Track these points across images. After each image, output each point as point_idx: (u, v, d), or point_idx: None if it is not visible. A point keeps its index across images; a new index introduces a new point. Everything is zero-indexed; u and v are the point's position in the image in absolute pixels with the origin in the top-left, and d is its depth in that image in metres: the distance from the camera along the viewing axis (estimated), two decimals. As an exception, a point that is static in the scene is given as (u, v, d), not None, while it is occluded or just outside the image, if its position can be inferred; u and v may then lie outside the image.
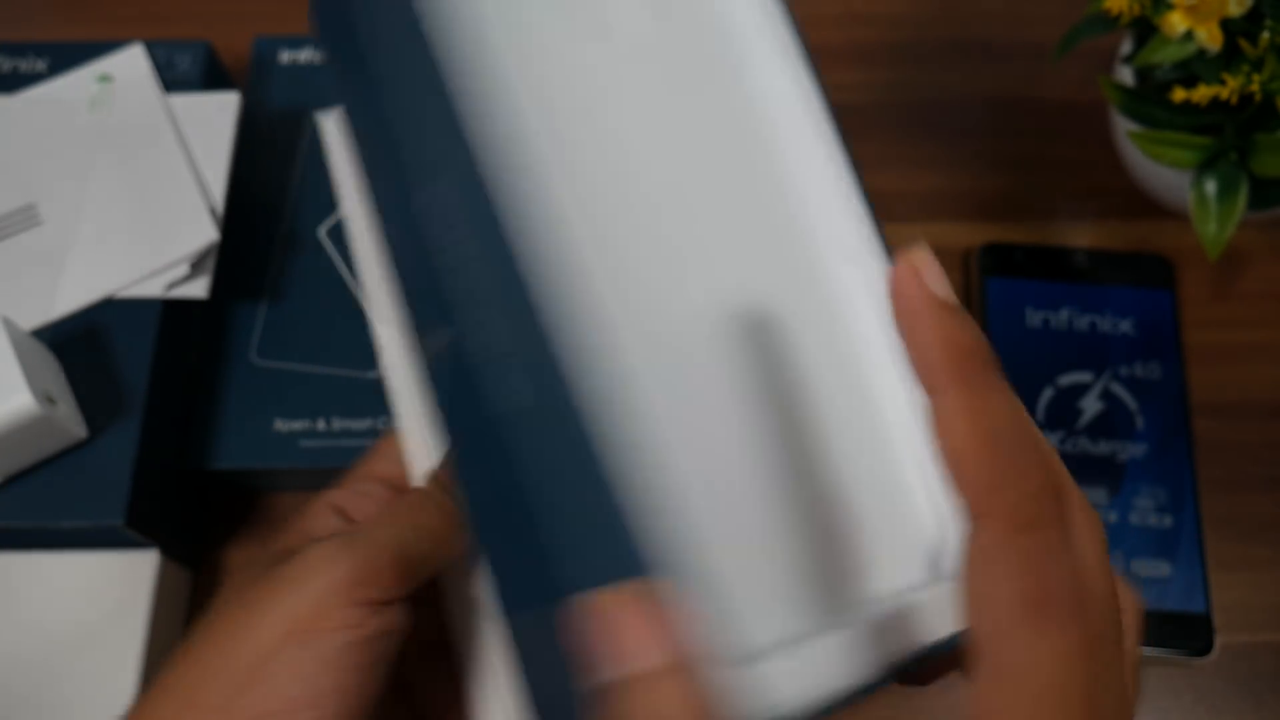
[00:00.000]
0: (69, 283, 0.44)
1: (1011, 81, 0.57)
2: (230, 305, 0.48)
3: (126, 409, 0.41)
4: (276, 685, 0.26)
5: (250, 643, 0.26)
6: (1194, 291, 0.51)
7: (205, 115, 0.47)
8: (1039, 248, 0.51)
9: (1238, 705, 0.43)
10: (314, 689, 0.26)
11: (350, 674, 0.27)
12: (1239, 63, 0.42)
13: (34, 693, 0.40)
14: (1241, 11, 0.41)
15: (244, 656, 0.26)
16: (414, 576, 0.28)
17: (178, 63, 0.49)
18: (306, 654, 0.26)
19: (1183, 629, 0.43)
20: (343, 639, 0.27)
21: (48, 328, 0.43)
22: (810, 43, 0.61)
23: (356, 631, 0.27)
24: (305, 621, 0.27)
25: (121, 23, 0.59)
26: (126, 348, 0.43)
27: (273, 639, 0.26)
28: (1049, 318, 0.49)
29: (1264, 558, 0.46)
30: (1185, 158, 0.44)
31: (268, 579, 0.28)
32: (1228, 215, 0.43)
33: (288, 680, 0.26)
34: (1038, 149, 0.55)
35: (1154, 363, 0.48)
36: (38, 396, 0.38)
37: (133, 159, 0.46)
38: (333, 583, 0.27)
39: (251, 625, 0.27)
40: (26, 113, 0.47)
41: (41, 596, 0.42)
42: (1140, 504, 0.46)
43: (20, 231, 0.45)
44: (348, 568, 0.27)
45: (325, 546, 0.28)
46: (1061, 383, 0.48)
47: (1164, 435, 0.47)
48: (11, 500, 0.40)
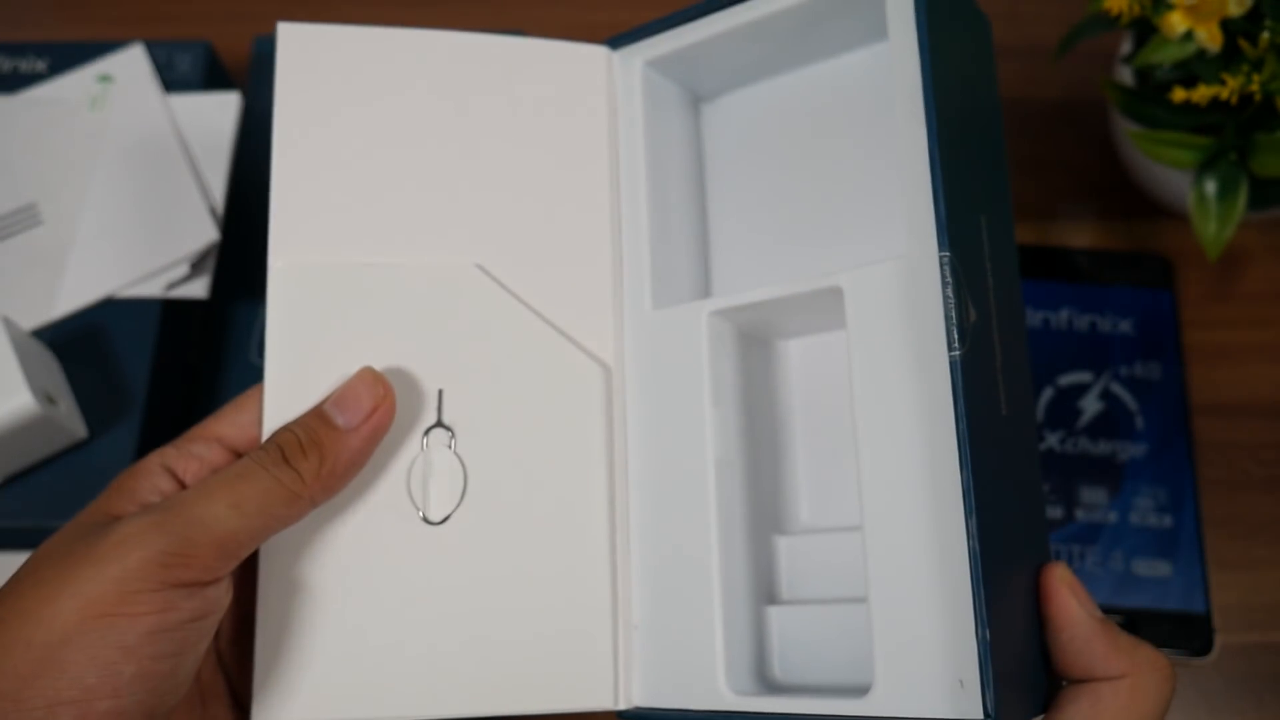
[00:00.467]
0: (69, 283, 0.44)
1: (1011, 81, 0.56)
2: (230, 305, 0.48)
3: (126, 409, 0.41)
4: (71, 672, 0.24)
5: (45, 625, 0.25)
6: (1194, 291, 0.51)
7: (205, 115, 0.47)
8: (1039, 248, 0.51)
9: (1238, 705, 0.43)
10: (113, 677, 0.25)
11: (156, 662, 0.25)
12: (1239, 63, 0.42)
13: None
14: (1241, 11, 0.41)
15: (38, 639, 0.25)
16: (235, 555, 0.27)
17: (178, 63, 0.49)
18: (106, 639, 0.25)
19: (1183, 629, 0.43)
20: (147, 625, 0.25)
21: (48, 327, 0.43)
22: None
23: (164, 616, 0.25)
24: (106, 605, 0.25)
25: (122, 23, 0.59)
26: (127, 348, 0.43)
27: (69, 622, 0.25)
28: (1049, 318, 0.49)
29: (1264, 558, 0.46)
30: (1185, 158, 0.44)
31: (70, 555, 0.26)
32: (1227, 215, 0.43)
33: (84, 667, 0.25)
34: (1038, 149, 0.55)
35: (1154, 363, 0.48)
36: (38, 396, 0.38)
37: (133, 159, 0.46)
38: (141, 564, 0.25)
39: (47, 606, 0.25)
40: (27, 113, 0.47)
41: (42, 596, 0.42)
42: (1140, 504, 0.46)
43: (21, 231, 0.45)
44: (159, 548, 0.25)
45: (136, 523, 0.26)
46: (1061, 383, 0.48)
47: (1164, 435, 0.47)
48: (12, 500, 0.40)
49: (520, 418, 0.33)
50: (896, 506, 0.29)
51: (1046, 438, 0.47)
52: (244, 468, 0.28)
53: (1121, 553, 0.45)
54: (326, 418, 0.29)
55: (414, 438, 0.32)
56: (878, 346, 0.30)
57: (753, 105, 0.38)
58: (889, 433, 0.29)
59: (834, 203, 0.36)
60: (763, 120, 0.38)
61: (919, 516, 0.28)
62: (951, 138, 0.30)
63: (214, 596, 0.27)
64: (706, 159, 0.39)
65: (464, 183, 0.34)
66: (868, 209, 0.36)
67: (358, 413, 0.29)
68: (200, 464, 0.31)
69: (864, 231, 0.36)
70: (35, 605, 0.25)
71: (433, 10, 0.59)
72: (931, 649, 0.27)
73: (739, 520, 0.33)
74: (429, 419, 0.32)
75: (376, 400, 0.30)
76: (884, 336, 0.30)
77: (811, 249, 0.36)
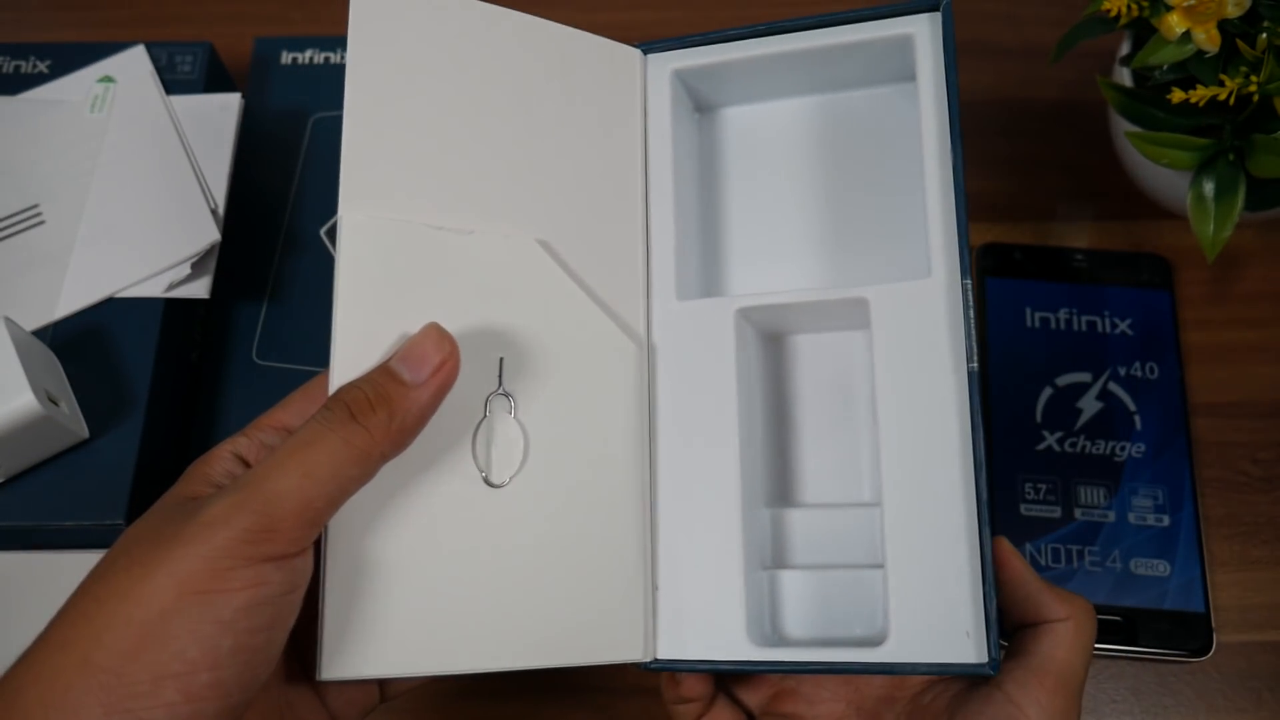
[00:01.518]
0: (71, 283, 0.44)
1: (1011, 82, 0.57)
2: (231, 305, 0.48)
3: (128, 409, 0.42)
4: (173, 646, 0.25)
5: (144, 603, 0.25)
6: (1192, 291, 0.51)
7: (207, 116, 0.47)
8: (1038, 248, 0.51)
9: (1237, 704, 0.43)
10: (213, 650, 0.26)
11: (251, 635, 0.26)
12: (1237, 64, 0.42)
13: (36, 692, 0.40)
14: (1239, 13, 0.41)
15: (138, 617, 0.25)
16: (316, 523, 0.28)
17: (179, 64, 0.49)
18: (204, 615, 0.26)
19: (1182, 628, 0.43)
20: (242, 600, 0.26)
21: (50, 328, 0.43)
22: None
23: (257, 591, 0.26)
24: (201, 582, 0.26)
25: (123, 24, 0.59)
26: (128, 348, 0.43)
27: (167, 600, 0.25)
28: (1048, 318, 0.50)
29: (1262, 557, 0.46)
30: (1183, 158, 0.44)
31: (159, 538, 0.27)
32: (1225, 216, 0.43)
33: (185, 641, 0.25)
34: (1037, 149, 0.55)
35: (1152, 363, 0.48)
36: (40, 396, 0.38)
37: (135, 160, 0.46)
38: (228, 543, 0.26)
39: (144, 584, 0.26)
40: (29, 114, 0.48)
41: (43, 596, 0.42)
42: (1139, 503, 0.46)
43: (23, 232, 0.45)
44: (244, 526, 0.26)
45: (218, 504, 0.26)
46: (1060, 383, 0.48)
47: (1163, 435, 0.47)
48: (13, 500, 0.40)
49: (569, 389, 0.35)
50: (912, 486, 0.34)
51: (1046, 438, 0.47)
52: (311, 433, 0.28)
53: (1120, 552, 0.45)
54: (394, 373, 0.29)
55: (477, 403, 0.33)
56: (901, 353, 0.35)
57: (757, 120, 0.42)
58: (909, 425, 0.34)
59: (834, 215, 0.40)
60: (770, 135, 0.42)
61: (932, 495, 0.33)
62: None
63: (301, 567, 0.28)
64: (716, 164, 0.42)
65: (520, 161, 0.36)
66: (868, 225, 0.40)
67: (425, 367, 0.30)
68: (268, 451, 0.31)
69: (865, 245, 0.40)
70: (131, 585, 0.26)
71: (433, 11, 0.59)
72: (940, 606, 0.32)
73: (758, 493, 0.38)
74: (489, 384, 0.33)
75: (444, 356, 0.30)
76: (908, 345, 0.35)
77: (815, 257, 0.40)
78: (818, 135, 0.41)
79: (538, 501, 0.33)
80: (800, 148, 0.41)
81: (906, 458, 0.34)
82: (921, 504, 0.33)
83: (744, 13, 0.58)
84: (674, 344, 0.37)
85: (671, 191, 0.38)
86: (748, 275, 0.41)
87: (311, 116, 0.52)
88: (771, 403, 0.40)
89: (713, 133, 0.42)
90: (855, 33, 0.37)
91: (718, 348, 0.37)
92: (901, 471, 0.34)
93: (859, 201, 0.40)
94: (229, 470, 0.31)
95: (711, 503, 0.36)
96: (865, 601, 0.36)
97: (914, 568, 0.33)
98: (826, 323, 0.39)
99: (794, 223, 0.41)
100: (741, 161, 0.42)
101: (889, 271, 0.39)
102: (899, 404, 0.34)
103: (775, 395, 0.40)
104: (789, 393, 0.41)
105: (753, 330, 0.39)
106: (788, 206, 0.41)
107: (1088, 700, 0.43)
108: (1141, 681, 0.44)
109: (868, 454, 0.39)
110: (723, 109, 0.42)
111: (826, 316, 0.38)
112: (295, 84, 0.52)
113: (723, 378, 0.36)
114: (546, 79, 0.37)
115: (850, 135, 0.41)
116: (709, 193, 0.42)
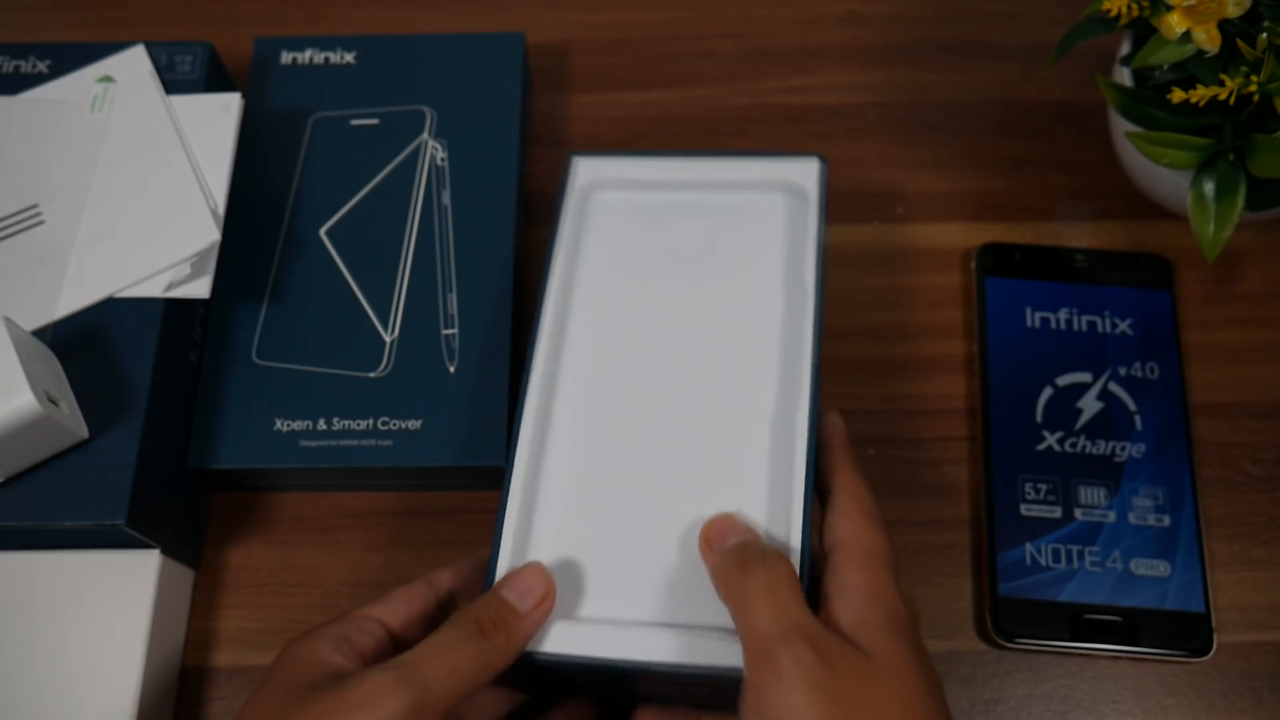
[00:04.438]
0: (71, 283, 0.44)
1: (1011, 82, 0.57)
2: (231, 305, 0.48)
3: (128, 409, 0.42)
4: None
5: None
6: (1192, 292, 0.51)
7: (207, 116, 0.47)
8: (1038, 248, 0.51)
9: (1237, 705, 0.43)
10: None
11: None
12: (1237, 64, 0.42)
13: (36, 692, 0.40)
14: (1239, 13, 0.41)
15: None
16: (451, 711, 0.32)
17: (179, 64, 0.49)
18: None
19: (1182, 628, 0.43)
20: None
21: (49, 328, 0.43)
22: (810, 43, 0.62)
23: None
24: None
25: (123, 24, 0.59)
26: (128, 348, 0.43)
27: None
28: (1048, 318, 0.50)
29: (1262, 557, 0.46)
30: (1183, 158, 0.44)
31: (313, 706, 0.31)
32: (1226, 216, 0.43)
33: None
34: (1037, 149, 0.55)
35: (1153, 363, 0.48)
36: (39, 397, 0.38)
37: (134, 160, 0.46)
38: (391, 714, 0.30)
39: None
40: (29, 113, 0.48)
41: (43, 596, 0.42)
42: (1139, 504, 0.46)
43: (22, 232, 0.45)
44: (403, 703, 0.30)
45: (383, 678, 0.31)
46: (1060, 383, 0.48)
47: (1163, 435, 0.47)
48: (13, 500, 0.40)
49: None
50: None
51: (1046, 438, 0.47)
52: (455, 637, 0.33)
53: (1120, 552, 0.45)
54: (508, 602, 0.34)
55: None
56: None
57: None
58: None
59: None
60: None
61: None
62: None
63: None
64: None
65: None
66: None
67: (531, 599, 0.34)
68: (370, 639, 0.35)
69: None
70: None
71: (432, 10, 0.59)
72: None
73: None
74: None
75: (546, 590, 0.34)
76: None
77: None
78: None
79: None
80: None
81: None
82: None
83: (744, 12, 0.58)
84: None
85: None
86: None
87: (311, 116, 0.52)
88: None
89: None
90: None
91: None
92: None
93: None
94: (343, 652, 0.34)
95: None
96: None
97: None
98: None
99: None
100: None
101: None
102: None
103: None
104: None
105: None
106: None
107: (1088, 700, 0.43)
108: (1141, 682, 0.44)
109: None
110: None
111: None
112: (295, 84, 0.52)
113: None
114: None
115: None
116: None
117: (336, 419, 0.45)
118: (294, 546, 0.47)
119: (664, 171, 0.44)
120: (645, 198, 0.44)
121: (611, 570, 0.36)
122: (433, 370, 0.46)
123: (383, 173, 0.50)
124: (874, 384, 0.49)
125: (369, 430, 0.45)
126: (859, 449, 0.48)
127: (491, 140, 0.51)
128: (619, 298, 0.41)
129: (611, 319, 0.41)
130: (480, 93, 0.52)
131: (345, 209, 0.50)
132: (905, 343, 0.50)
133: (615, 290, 0.42)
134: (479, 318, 0.47)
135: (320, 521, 0.47)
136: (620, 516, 0.37)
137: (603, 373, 0.40)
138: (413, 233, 0.49)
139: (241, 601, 0.46)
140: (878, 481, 0.37)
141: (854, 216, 0.53)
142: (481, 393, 0.46)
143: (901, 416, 0.49)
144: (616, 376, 0.40)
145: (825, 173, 0.42)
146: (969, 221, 0.53)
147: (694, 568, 0.36)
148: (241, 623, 0.45)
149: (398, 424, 0.45)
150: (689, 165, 0.44)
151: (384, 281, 0.48)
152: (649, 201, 0.44)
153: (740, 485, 0.37)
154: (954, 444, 0.48)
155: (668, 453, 0.38)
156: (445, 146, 0.51)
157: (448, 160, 0.51)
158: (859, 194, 0.54)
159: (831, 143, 0.55)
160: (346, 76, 0.53)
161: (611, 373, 0.40)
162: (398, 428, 0.45)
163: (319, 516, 0.47)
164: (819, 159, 0.43)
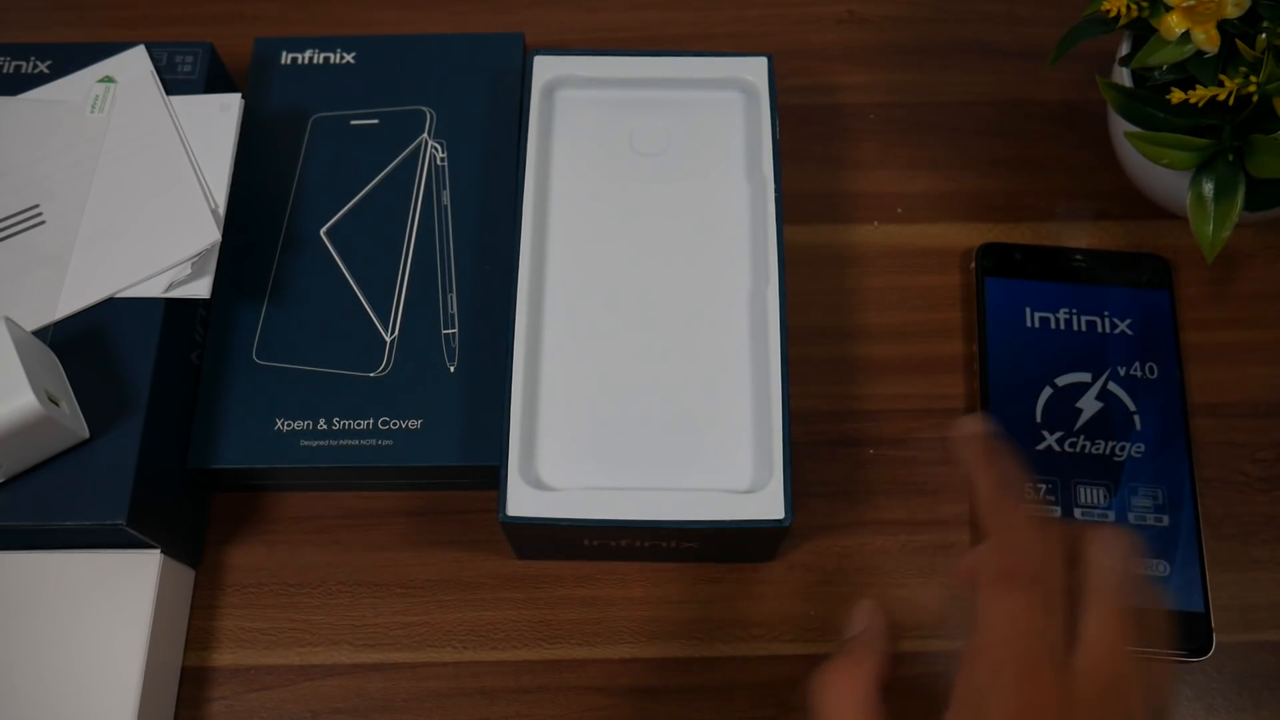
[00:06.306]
0: (71, 283, 0.44)
1: (1010, 82, 0.57)
2: (231, 305, 0.48)
3: (128, 409, 0.42)
4: None
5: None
6: (1192, 292, 0.51)
7: (207, 116, 0.48)
8: (1038, 248, 0.51)
9: (1237, 705, 0.43)
10: None
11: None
12: (1236, 64, 0.42)
13: (37, 691, 0.40)
14: (1239, 13, 0.41)
15: None
16: None
17: (179, 64, 0.49)
18: None
19: (1182, 628, 0.43)
20: None
21: (50, 328, 0.43)
22: (810, 43, 0.62)
23: None
24: None
25: (123, 24, 0.59)
26: (128, 348, 0.43)
27: None
28: (1048, 318, 0.50)
29: (1262, 557, 0.46)
30: (1182, 159, 0.44)
31: None
32: (1225, 216, 0.43)
33: None
34: (1037, 150, 0.55)
35: (1152, 363, 0.48)
36: (40, 396, 0.38)
37: (135, 160, 0.46)
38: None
39: None
40: (29, 114, 0.48)
41: (44, 596, 0.42)
42: (1139, 503, 0.46)
43: (23, 232, 0.45)
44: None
45: None
46: (1060, 383, 0.48)
47: (1162, 435, 0.47)
48: (14, 500, 0.40)
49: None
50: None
51: (1045, 438, 0.47)
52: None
53: (1120, 552, 0.45)
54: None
55: None
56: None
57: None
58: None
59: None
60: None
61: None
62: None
63: None
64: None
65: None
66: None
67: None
68: None
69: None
70: None
71: (432, 11, 0.59)
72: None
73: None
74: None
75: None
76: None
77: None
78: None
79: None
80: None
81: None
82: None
83: (744, 12, 0.58)
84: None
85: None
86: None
87: (311, 116, 0.52)
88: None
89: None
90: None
91: None
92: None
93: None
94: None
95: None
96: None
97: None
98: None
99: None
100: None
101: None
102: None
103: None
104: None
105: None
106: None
107: (1087, 700, 0.43)
108: (1141, 681, 0.44)
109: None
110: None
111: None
112: (295, 84, 0.52)
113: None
114: None
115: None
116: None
117: (337, 419, 0.45)
118: (294, 546, 0.47)
119: (622, 70, 0.47)
120: (605, 94, 0.48)
121: (614, 441, 0.41)
122: (433, 370, 0.46)
123: (383, 173, 0.50)
124: (874, 383, 0.49)
125: (369, 430, 0.45)
126: (859, 449, 0.48)
127: (491, 140, 0.51)
128: (590, 189, 0.46)
129: (587, 209, 0.45)
130: (480, 93, 0.52)
131: (345, 209, 0.50)
132: (905, 343, 0.50)
133: (586, 183, 0.46)
134: (479, 318, 0.47)
135: (320, 521, 0.47)
136: (616, 391, 0.42)
137: (586, 261, 0.44)
138: (413, 233, 0.49)
139: (242, 601, 0.46)
140: (878, 481, 0.37)
141: (854, 216, 0.53)
142: (481, 393, 0.46)
143: (901, 416, 0.49)
144: (599, 264, 0.44)
145: (773, 70, 0.47)
146: (969, 221, 0.53)
147: (689, 435, 0.41)
148: (242, 623, 0.45)
149: (398, 424, 0.45)
150: (646, 63, 0.47)
151: (384, 281, 0.48)
152: (609, 98, 0.48)
153: (725, 360, 0.42)
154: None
155: (654, 331, 0.43)
156: (445, 146, 0.51)
157: (448, 160, 0.51)
158: (859, 194, 0.54)
159: (831, 143, 0.55)
160: (346, 76, 0.53)
161: (594, 261, 0.44)
162: (398, 427, 0.45)
163: (319, 516, 0.47)
164: (768, 58, 0.47)
